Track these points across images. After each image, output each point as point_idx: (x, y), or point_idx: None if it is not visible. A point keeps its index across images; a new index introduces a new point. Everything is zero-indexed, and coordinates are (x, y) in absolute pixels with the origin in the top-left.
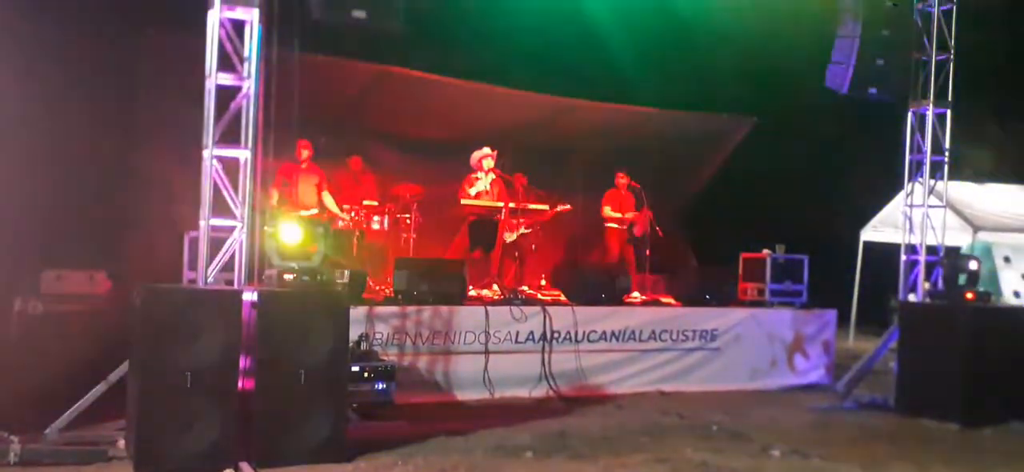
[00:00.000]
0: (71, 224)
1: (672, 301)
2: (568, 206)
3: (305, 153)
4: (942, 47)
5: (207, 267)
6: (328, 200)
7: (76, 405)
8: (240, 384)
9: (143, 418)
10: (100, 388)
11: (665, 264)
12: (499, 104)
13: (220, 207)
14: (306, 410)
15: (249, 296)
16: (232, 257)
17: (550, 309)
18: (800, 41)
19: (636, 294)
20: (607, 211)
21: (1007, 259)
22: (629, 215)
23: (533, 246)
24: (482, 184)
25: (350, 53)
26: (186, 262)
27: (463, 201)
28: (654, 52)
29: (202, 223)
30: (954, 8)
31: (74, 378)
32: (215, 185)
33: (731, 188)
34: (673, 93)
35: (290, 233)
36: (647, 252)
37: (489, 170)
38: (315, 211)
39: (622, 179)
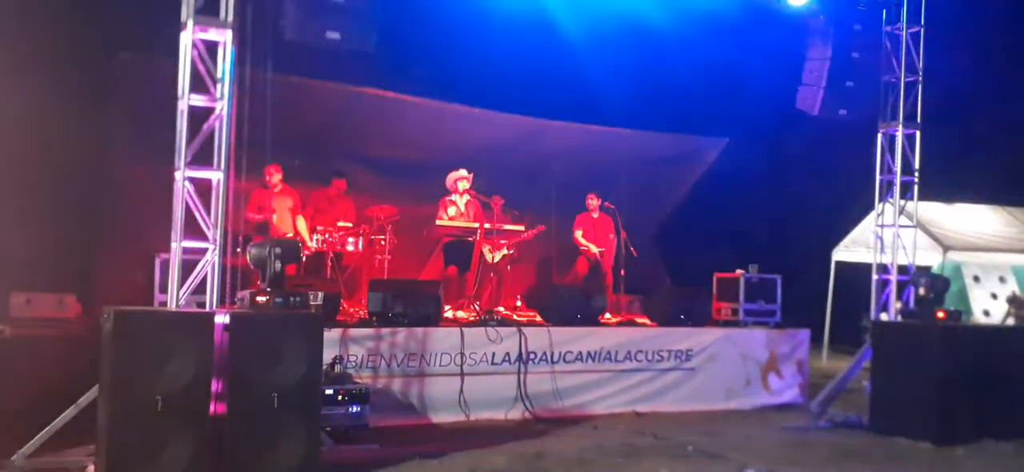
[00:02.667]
0: (41, 247)
1: (647, 321)
2: (542, 226)
3: (276, 177)
4: (911, 69)
5: (179, 290)
6: (301, 225)
7: (45, 430)
8: (212, 408)
9: (113, 443)
10: (69, 413)
11: (639, 284)
12: (473, 125)
13: (192, 229)
14: (279, 434)
15: (221, 319)
16: (204, 279)
17: (526, 330)
18: (771, 63)
19: (608, 315)
20: (579, 236)
21: (977, 278)
22: (597, 250)
23: (508, 267)
24: (457, 206)
25: (324, 74)
26: (157, 285)
27: (438, 223)
28: (628, 73)
29: (174, 245)
30: (922, 31)
31: (43, 403)
32: (187, 207)
33: (704, 208)
34: (646, 114)
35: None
36: (622, 272)
37: (464, 191)
38: (290, 235)
39: (593, 201)
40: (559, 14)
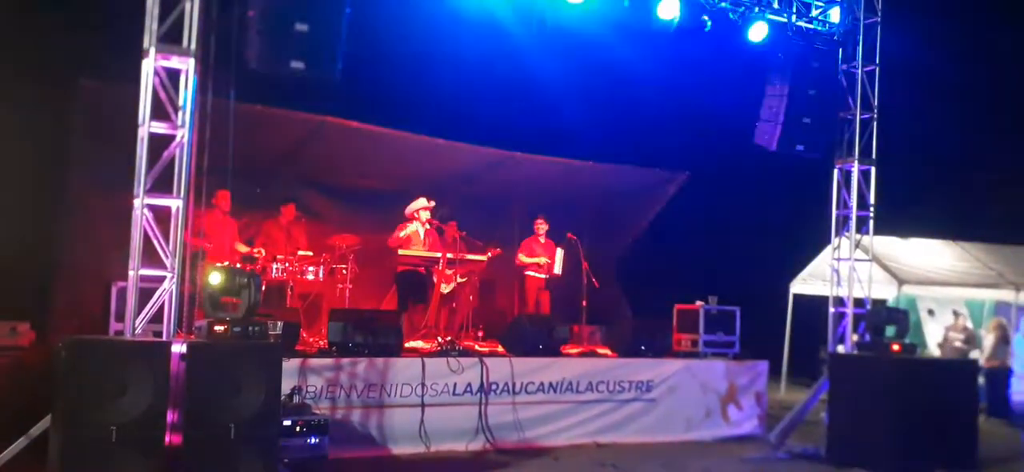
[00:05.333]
0: None
1: (608, 352)
2: (499, 249)
3: (225, 204)
4: (866, 106)
5: (135, 318)
6: (241, 249)
7: None
8: (168, 439)
9: None
10: (20, 443)
11: (601, 315)
12: (435, 155)
13: (150, 257)
14: (236, 466)
15: (178, 348)
16: (161, 308)
17: (487, 360)
18: (730, 99)
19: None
20: (521, 257)
21: (931, 312)
22: (544, 261)
23: (470, 296)
24: (414, 228)
25: (287, 103)
26: (113, 313)
27: (400, 252)
28: (590, 107)
29: (131, 273)
30: (877, 70)
31: None
32: (145, 234)
33: (665, 240)
34: (608, 147)
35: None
36: (583, 303)
37: (425, 221)
38: (226, 263)
39: (541, 226)
40: (523, 48)
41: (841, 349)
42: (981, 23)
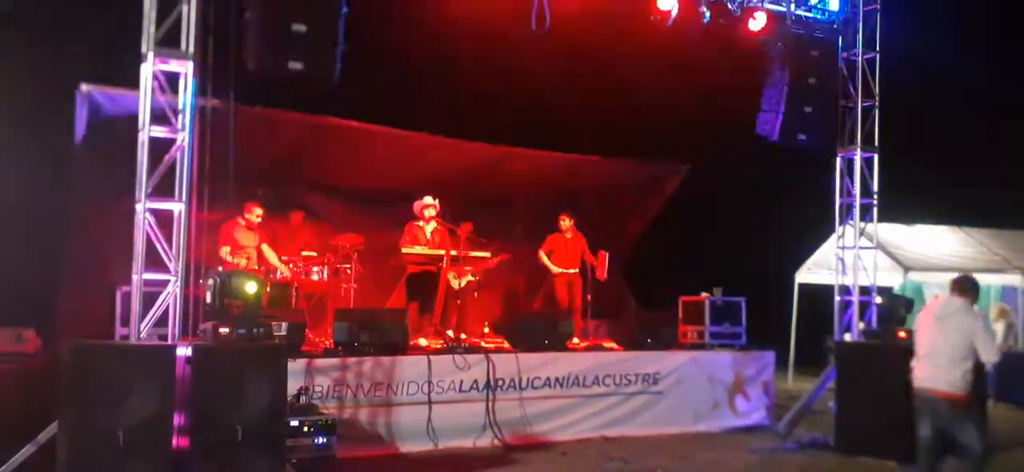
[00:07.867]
0: None
1: (614, 345)
2: (506, 254)
3: (257, 214)
4: (867, 94)
5: (140, 322)
6: (268, 252)
7: (2, 468)
8: (175, 442)
9: None
10: (28, 450)
11: (606, 309)
12: (437, 153)
13: (153, 261)
14: (243, 467)
15: (183, 351)
16: (166, 311)
17: (494, 357)
18: (731, 90)
19: (576, 340)
20: (542, 256)
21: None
22: (557, 270)
23: (475, 293)
24: (424, 233)
25: (287, 104)
26: (119, 318)
27: (404, 250)
28: (590, 101)
29: (135, 277)
30: (878, 57)
31: (0, 439)
32: (148, 238)
33: (668, 233)
34: (609, 141)
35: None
36: (588, 297)
37: (430, 218)
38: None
39: (565, 222)
40: (522, 43)
41: (847, 337)
42: (982, 6)
